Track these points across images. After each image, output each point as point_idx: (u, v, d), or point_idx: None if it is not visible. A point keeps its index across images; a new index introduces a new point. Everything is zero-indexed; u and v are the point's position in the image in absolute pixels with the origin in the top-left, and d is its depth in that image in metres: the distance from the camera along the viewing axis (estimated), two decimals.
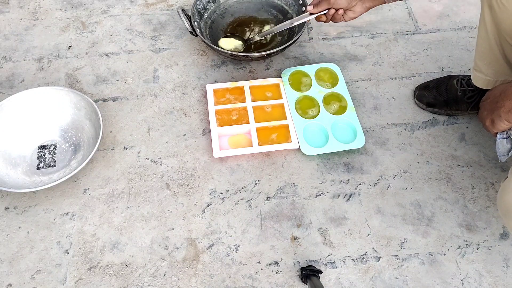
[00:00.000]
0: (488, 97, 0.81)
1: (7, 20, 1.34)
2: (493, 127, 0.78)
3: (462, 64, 1.25)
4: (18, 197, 0.99)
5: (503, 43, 0.86)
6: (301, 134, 1.07)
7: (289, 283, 0.90)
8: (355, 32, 1.32)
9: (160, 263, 0.92)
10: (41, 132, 1.07)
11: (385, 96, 1.18)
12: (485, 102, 0.81)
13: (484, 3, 0.85)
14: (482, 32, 0.89)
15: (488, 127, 0.80)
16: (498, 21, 0.83)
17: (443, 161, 1.07)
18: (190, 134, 1.10)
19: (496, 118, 0.76)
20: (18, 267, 0.91)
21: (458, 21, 1.35)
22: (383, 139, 1.10)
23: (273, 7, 1.32)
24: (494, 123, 0.77)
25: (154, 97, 1.17)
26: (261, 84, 1.17)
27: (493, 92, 0.80)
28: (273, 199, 1.00)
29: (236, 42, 1.19)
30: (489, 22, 0.85)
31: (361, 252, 0.94)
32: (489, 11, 0.84)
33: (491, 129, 0.79)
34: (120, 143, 1.08)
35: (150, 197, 1.00)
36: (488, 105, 0.79)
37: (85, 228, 0.96)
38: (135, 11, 1.37)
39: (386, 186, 1.03)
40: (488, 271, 0.92)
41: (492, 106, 0.78)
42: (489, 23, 0.85)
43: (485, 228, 0.97)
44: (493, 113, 0.77)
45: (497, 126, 0.77)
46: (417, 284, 0.90)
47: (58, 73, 1.21)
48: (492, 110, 0.77)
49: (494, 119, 0.77)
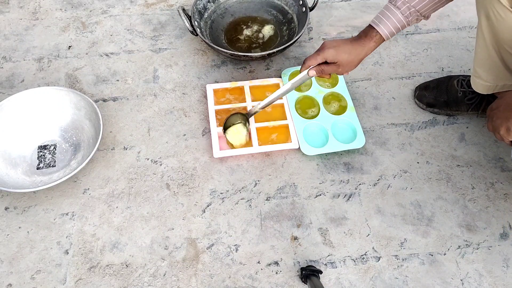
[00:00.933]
0: (499, 105, 0.81)
1: (7, 20, 1.34)
2: (508, 135, 0.78)
3: (462, 64, 1.25)
4: (18, 197, 0.99)
5: (502, 51, 0.86)
6: (301, 134, 1.07)
7: (289, 283, 0.90)
8: (355, 32, 1.32)
9: (160, 263, 0.92)
10: (41, 132, 1.07)
11: (385, 96, 1.18)
12: (496, 110, 0.81)
13: (481, 13, 0.84)
14: (480, 41, 0.88)
15: (503, 136, 0.79)
16: (496, 31, 0.82)
17: (443, 161, 1.07)
18: (190, 134, 1.10)
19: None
20: (18, 267, 0.91)
21: (458, 21, 1.35)
22: (383, 139, 1.10)
23: (273, 7, 1.32)
24: (510, 130, 0.77)
25: (154, 97, 1.17)
26: (261, 84, 1.17)
27: (506, 99, 0.80)
28: (273, 199, 1.00)
29: (242, 130, 1.06)
30: (486, 32, 0.85)
31: (361, 252, 0.94)
32: (486, 21, 0.83)
33: (507, 137, 0.78)
34: (120, 143, 1.08)
35: (150, 197, 1.00)
36: (502, 113, 0.79)
37: (85, 228, 0.96)
38: (135, 11, 1.37)
39: (386, 186, 1.03)
40: (488, 271, 0.92)
41: (506, 114, 0.77)
42: (487, 33, 0.85)
43: (485, 228, 0.97)
44: (509, 121, 0.76)
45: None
46: (417, 284, 0.90)
47: (58, 73, 1.21)
48: (507, 118, 0.77)
49: (510, 127, 0.76)
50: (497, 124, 0.79)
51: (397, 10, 0.89)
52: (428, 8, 0.89)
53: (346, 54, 0.92)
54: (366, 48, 0.92)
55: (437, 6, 0.89)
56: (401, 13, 0.89)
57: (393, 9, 0.89)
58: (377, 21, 0.92)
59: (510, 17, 0.78)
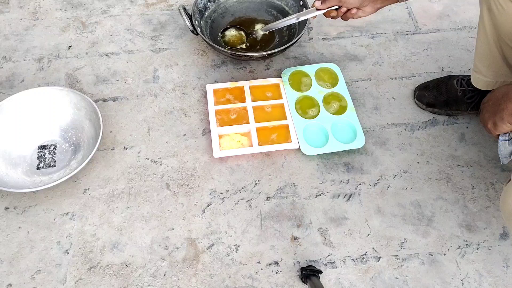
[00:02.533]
0: (489, 99, 0.81)
1: (7, 20, 1.34)
2: (495, 129, 0.78)
3: (462, 64, 1.25)
4: (18, 197, 0.99)
5: (502, 45, 0.86)
6: (301, 134, 1.07)
7: (289, 283, 0.90)
8: (355, 32, 1.32)
9: (160, 263, 0.92)
10: (41, 132, 1.07)
11: (385, 96, 1.18)
12: (486, 104, 0.81)
13: (483, 6, 0.84)
14: (481, 35, 0.88)
15: (490, 129, 0.79)
16: (497, 24, 0.82)
17: (443, 161, 1.07)
18: (190, 134, 1.10)
19: (499, 121, 0.76)
20: (18, 267, 0.91)
21: (458, 21, 1.35)
22: (383, 139, 1.10)
23: (273, 8, 1.32)
24: (496, 125, 0.77)
25: (154, 97, 1.17)
26: (261, 84, 1.17)
27: (495, 94, 0.80)
28: (273, 199, 1.00)
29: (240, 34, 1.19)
30: (488, 25, 0.85)
31: (361, 252, 0.94)
32: (488, 14, 0.83)
33: (493, 131, 0.79)
34: (120, 143, 1.08)
35: (150, 197, 1.00)
36: (490, 107, 0.79)
37: (85, 228, 0.96)
38: (135, 11, 1.37)
39: (386, 186, 1.03)
40: (488, 271, 0.92)
41: (494, 109, 0.77)
42: (488, 26, 0.85)
43: (485, 228, 0.97)
44: (496, 115, 0.77)
45: (500, 129, 0.77)
46: (417, 284, 0.90)
47: (58, 73, 1.21)
48: (494, 112, 0.77)
49: (497, 121, 0.77)
50: (486, 118, 0.80)
51: None
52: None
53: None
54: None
55: None
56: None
57: None
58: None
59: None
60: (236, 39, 1.18)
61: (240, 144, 1.06)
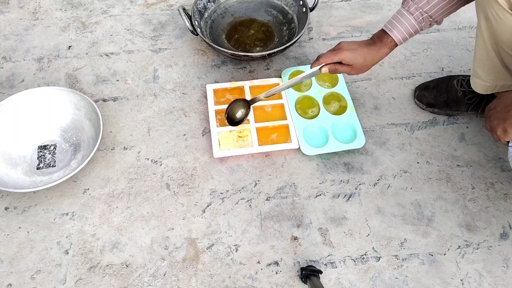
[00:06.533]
0: (497, 105, 0.81)
1: (7, 20, 1.34)
2: (505, 136, 0.78)
3: (462, 64, 1.25)
4: (18, 197, 0.99)
5: (501, 51, 0.86)
6: (301, 134, 1.07)
7: (289, 283, 0.90)
8: (355, 32, 1.32)
9: (160, 263, 0.92)
10: (41, 132, 1.07)
11: (385, 96, 1.18)
12: (494, 110, 0.81)
13: (480, 14, 0.84)
14: (479, 41, 0.88)
15: (499, 136, 0.79)
16: (495, 32, 0.82)
17: (443, 161, 1.07)
18: (190, 134, 1.10)
19: (509, 127, 0.76)
20: (18, 267, 0.91)
21: (458, 21, 1.35)
22: (383, 139, 1.10)
23: (273, 8, 1.32)
24: (506, 132, 0.77)
25: (154, 97, 1.17)
26: (261, 84, 1.17)
27: (503, 100, 0.80)
28: (273, 199, 1.00)
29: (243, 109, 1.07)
30: (485, 33, 0.85)
31: (361, 252, 0.94)
32: (485, 22, 0.83)
33: (503, 138, 0.78)
34: (120, 143, 1.08)
35: (150, 197, 1.00)
36: (499, 113, 0.79)
37: (85, 228, 0.96)
38: (135, 11, 1.37)
39: (386, 186, 1.03)
40: (488, 271, 0.92)
41: (503, 115, 0.77)
42: (486, 34, 0.85)
43: (485, 228, 0.97)
44: (506, 122, 0.76)
45: (510, 135, 0.77)
46: (417, 284, 0.90)
47: (58, 73, 1.21)
48: (504, 118, 0.77)
49: (507, 128, 0.76)
50: (494, 125, 0.79)
51: (410, 15, 0.89)
52: (440, 13, 0.89)
53: (362, 59, 0.93)
54: (380, 53, 0.94)
55: (450, 11, 0.89)
56: (414, 18, 0.89)
57: (406, 14, 0.89)
58: (390, 26, 0.92)
59: (508, 18, 0.78)
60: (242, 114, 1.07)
61: (240, 144, 1.06)
